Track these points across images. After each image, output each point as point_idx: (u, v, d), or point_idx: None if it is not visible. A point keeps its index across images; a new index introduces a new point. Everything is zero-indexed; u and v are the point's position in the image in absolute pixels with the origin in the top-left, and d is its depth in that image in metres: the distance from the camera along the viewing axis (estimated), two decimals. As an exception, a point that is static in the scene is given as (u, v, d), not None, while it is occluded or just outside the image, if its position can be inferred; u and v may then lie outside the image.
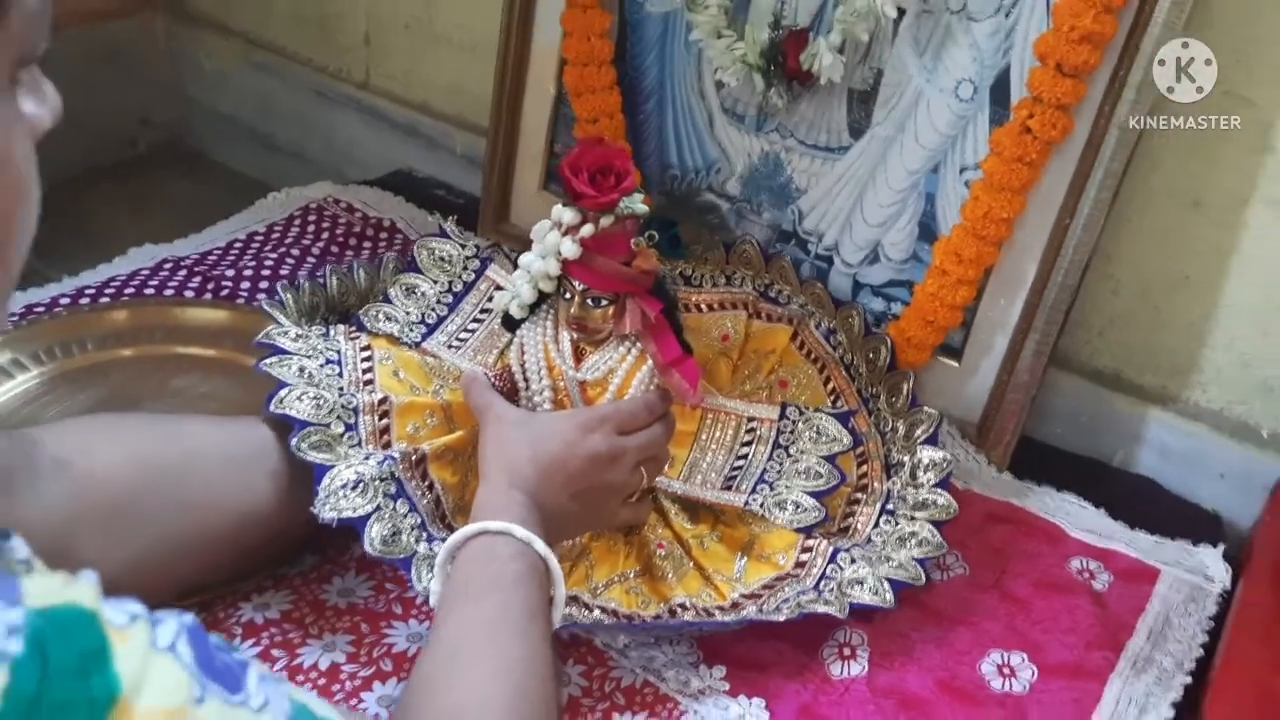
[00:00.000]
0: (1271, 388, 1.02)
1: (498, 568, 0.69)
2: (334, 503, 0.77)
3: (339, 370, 0.89)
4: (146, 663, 0.36)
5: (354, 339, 0.92)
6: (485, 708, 0.60)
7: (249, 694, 0.40)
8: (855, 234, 1.06)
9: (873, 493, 0.96)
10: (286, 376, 0.85)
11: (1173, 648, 0.88)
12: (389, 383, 0.89)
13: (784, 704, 0.78)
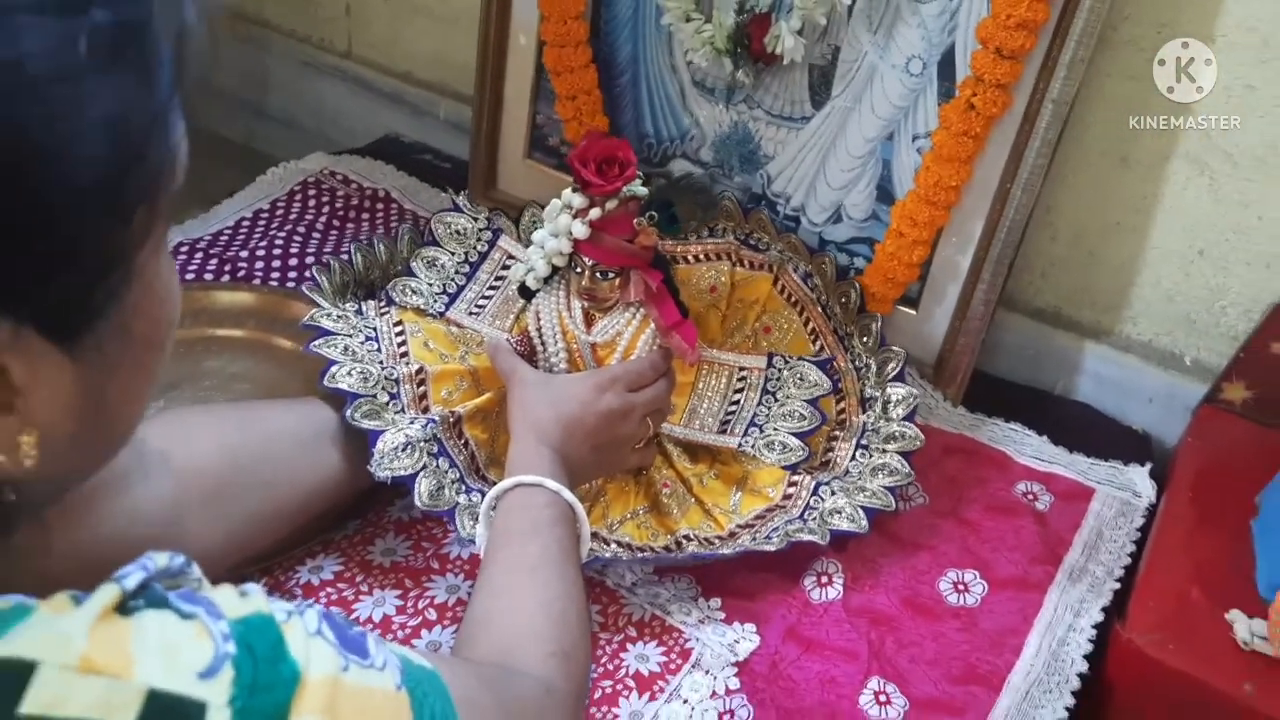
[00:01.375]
0: (1193, 320, 1.14)
1: (534, 514, 0.81)
2: (387, 463, 0.88)
3: (377, 346, 0.99)
4: (308, 646, 0.46)
5: (384, 314, 1.03)
6: (535, 635, 0.72)
7: (373, 658, 0.50)
8: (819, 196, 1.16)
9: (850, 427, 1.07)
10: (334, 355, 0.95)
11: (1104, 558, 1.01)
12: (421, 353, 1.00)
13: (772, 627, 0.91)
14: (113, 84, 0.41)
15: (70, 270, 0.41)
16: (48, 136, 0.39)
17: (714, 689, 0.86)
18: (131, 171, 0.42)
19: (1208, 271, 1.11)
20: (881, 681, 0.88)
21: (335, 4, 1.49)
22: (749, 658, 0.89)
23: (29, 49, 0.38)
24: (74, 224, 0.40)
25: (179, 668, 0.42)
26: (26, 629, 0.40)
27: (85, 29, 0.39)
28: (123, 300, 0.44)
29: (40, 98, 0.38)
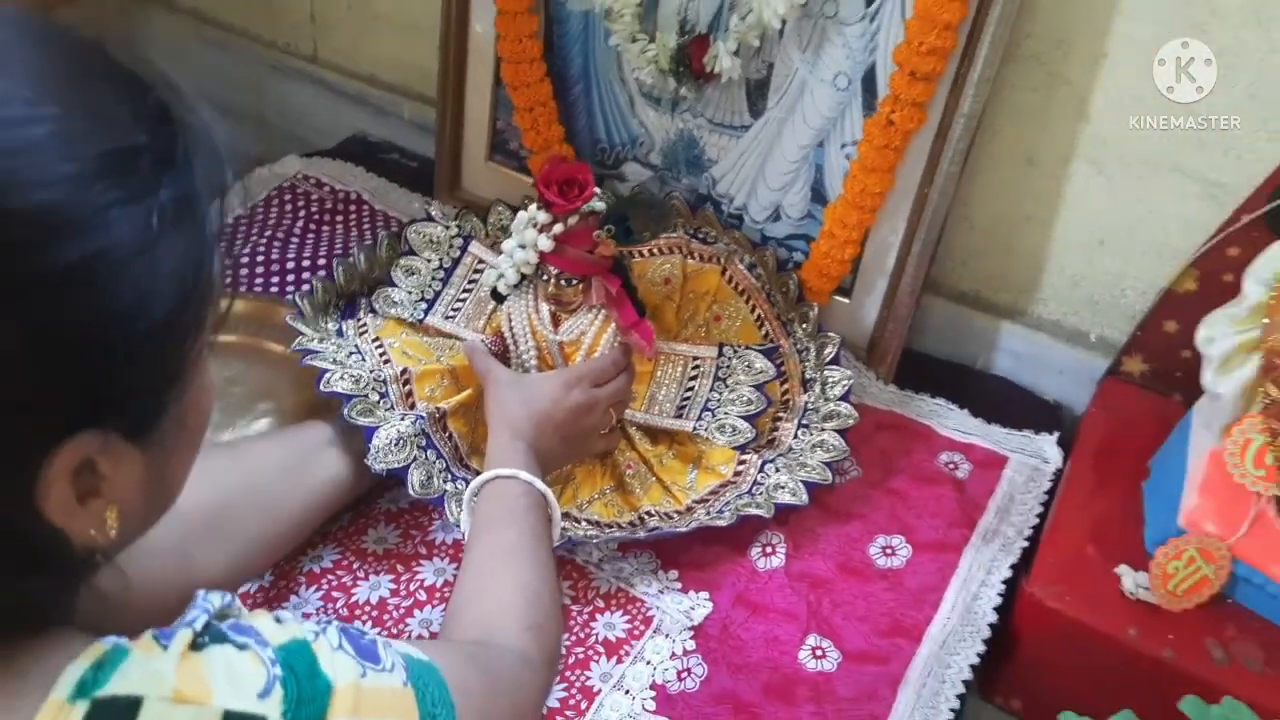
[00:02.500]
0: (1097, 302, 1.27)
1: (510, 504, 0.91)
2: (382, 458, 1.00)
3: (362, 358, 1.10)
4: (334, 660, 0.57)
5: (363, 332, 1.13)
6: (512, 613, 0.82)
7: (383, 662, 0.61)
8: (760, 197, 1.27)
9: (793, 408, 1.20)
10: (325, 365, 1.06)
11: (1014, 520, 1.14)
12: (402, 360, 1.11)
13: (723, 594, 1.04)
14: (175, 245, 0.50)
15: (147, 388, 0.51)
16: (133, 297, 0.48)
17: (673, 650, 0.99)
18: (190, 306, 0.51)
19: (1108, 259, 1.23)
20: (818, 638, 1.01)
21: (300, 11, 1.57)
22: (703, 622, 1.01)
23: (118, 236, 0.47)
24: (151, 355, 0.50)
25: (243, 691, 0.52)
26: (129, 669, 0.50)
27: (155, 208, 0.48)
28: (181, 401, 0.54)
29: (127, 270, 0.48)
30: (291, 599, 0.98)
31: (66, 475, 0.48)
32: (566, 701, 0.94)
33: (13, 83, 0.47)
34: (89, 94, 0.49)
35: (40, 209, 0.45)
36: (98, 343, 0.48)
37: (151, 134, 0.50)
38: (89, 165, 0.47)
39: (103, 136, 0.48)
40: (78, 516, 0.50)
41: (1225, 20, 1.06)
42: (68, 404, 0.48)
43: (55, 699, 0.48)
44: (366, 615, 0.98)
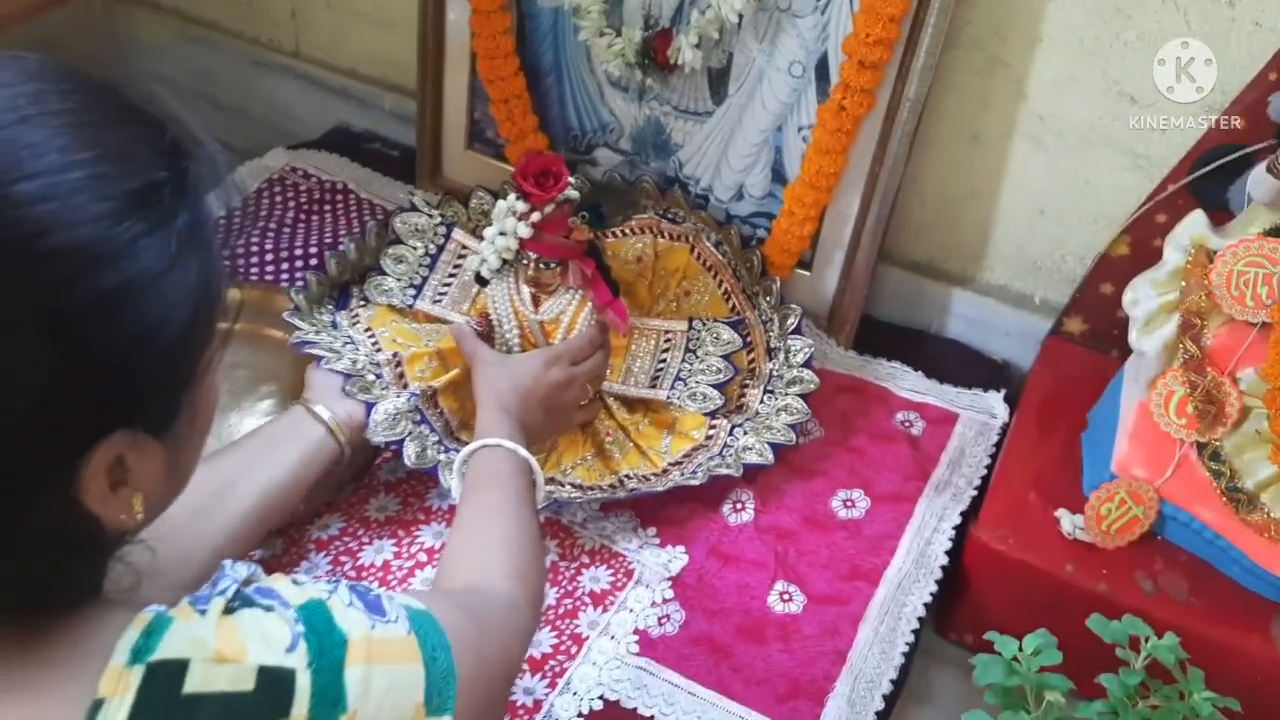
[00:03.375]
0: (1040, 267, 1.36)
1: (496, 469, 0.97)
2: (381, 432, 1.09)
3: (355, 347, 1.18)
4: (347, 615, 0.62)
5: (355, 323, 1.21)
6: (497, 563, 0.89)
7: (388, 614, 0.65)
8: (724, 178, 1.36)
9: (759, 375, 1.29)
10: (323, 351, 1.14)
11: (964, 471, 1.24)
12: (392, 347, 1.19)
13: (698, 547, 1.13)
14: (190, 265, 0.55)
15: (167, 392, 0.57)
16: (158, 313, 0.54)
17: (653, 599, 1.08)
18: (203, 317, 0.57)
19: (1049, 227, 1.33)
20: (785, 584, 1.11)
21: (282, 9, 1.64)
22: (680, 573, 1.11)
23: (145, 264, 0.53)
24: (171, 363, 0.57)
25: (273, 647, 0.58)
26: (174, 635, 0.56)
27: (174, 235, 0.54)
28: (194, 401, 0.60)
29: (153, 291, 0.54)
30: (303, 564, 1.07)
31: (102, 470, 0.54)
32: (558, 648, 1.04)
33: (49, 132, 0.52)
34: (114, 137, 0.55)
35: (79, 245, 0.51)
36: (129, 356, 0.54)
37: (168, 168, 0.55)
38: (119, 203, 0.53)
39: (129, 175, 0.54)
40: (111, 504, 0.56)
41: (1146, 6, 1.15)
42: (103, 410, 0.54)
43: (114, 666, 0.54)
44: (372, 576, 1.07)
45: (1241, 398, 1.08)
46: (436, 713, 0.65)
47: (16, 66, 0.55)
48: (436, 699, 0.65)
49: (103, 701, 0.53)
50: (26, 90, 0.53)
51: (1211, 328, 1.08)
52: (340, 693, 0.59)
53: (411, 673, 0.64)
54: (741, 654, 1.05)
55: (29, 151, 0.51)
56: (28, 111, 0.52)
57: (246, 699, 0.55)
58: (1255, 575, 1.10)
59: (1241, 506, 1.10)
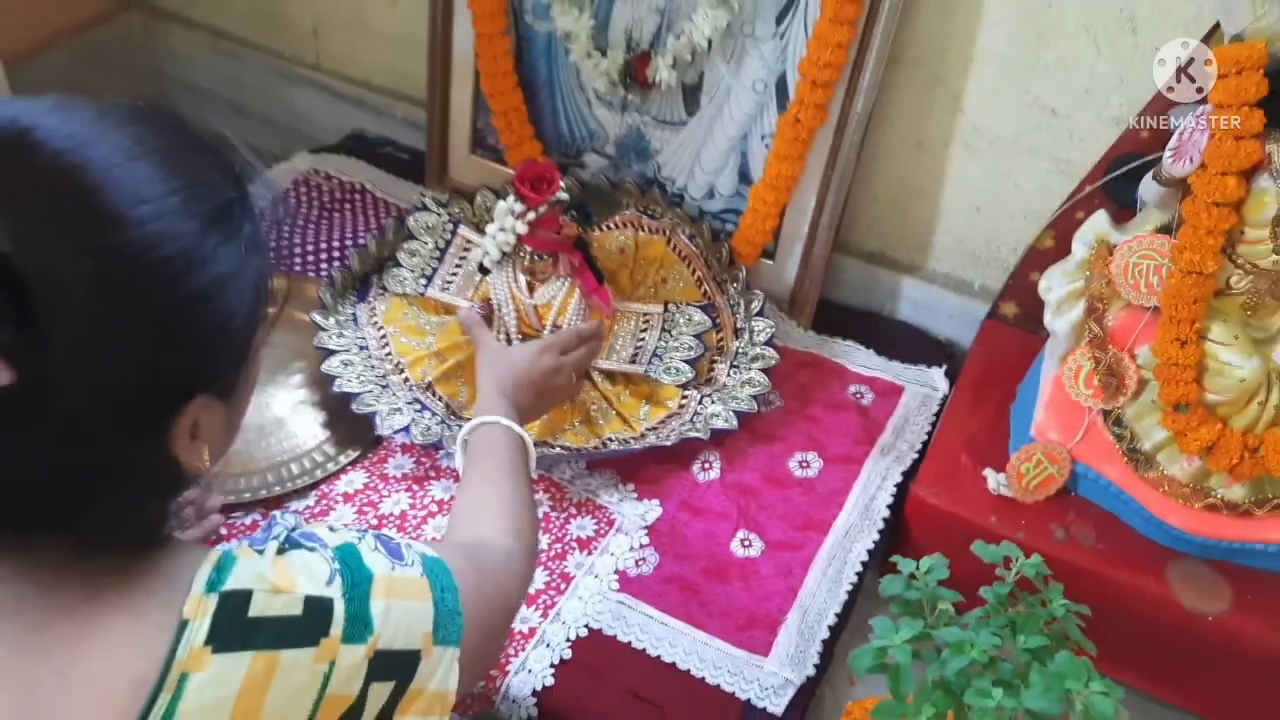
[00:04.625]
0: (978, 256, 1.54)
1: (493, 442, 1.09)
2: (387, 425, 1.27)
3: (368, 352, 1.37)
4: (373, 557, 0.73)
5: (373, 323, 1.40)
6: (496, 521, 1.00)
7: (405, 559, 0.76)
8: (697, 179, 1.53)
9: (727, 352, 1.47)
10: (336, 371, 1.34)
11: (908, 437, 1.42)
12: (399, 347, 1.38)
13: (671, 501, 1.31)
14: (253, 264, 0.67)
15: (233, 365, 0.69)
16: (235, 302, 0.66)
17: (631, 545, 1.26)
18: (264, 298, 0.69)
19: (985, 222, 1.50)
20: (746, 532, 1.29)
21: (304, 26, 1.81)
22: (655, 522, 1.29)
23: (225, 265, 0.65)
24: (242, 339, 0.68)
25: (316, 580, 0.68)
26: (240, 570, 0.67)
27: (243, 242, 0.66)
28: (249, 370, 0.72)
29: (230, 286, 0.65)
30: (332, 514, 1.25)
31: (187, 426, 0.66)
32: (550, 585, 1.22)
33: (151, 166, 0.63)
34: (195, 166, 0.66)
35: (179, 253, 0.62)
36: (212, 337, 0.66)
37: (235, 189, 0.67)
38: (205, 219, 0.64)
39: (210, 196, 0.65)
40: (191, 452, 0.67)
41: (1062, 32, 1.32)
42: (192, 379, 0.66)
43: (195, 593, 0.65)
44: (391, 523, 1.25)
45: (1139, 371, 1.24)
46: (443, 642, 0.75)
47: (120, 114, 0.65)
48: (443, 630, 0.75)
49: (187, 622, 0.64)
50: (131, 133, 0.64)
51: (1112, 311, 1.25)
52: (368, 618, 0.69)
53: (423, 608, 0.74)
54: (707, 591, 1.23)
55: (142, 183, 0.62)
56: (135, 151, 0.63)
57: (297, 621, 0.66)
58: (1153, 525, 1.27)
59: (1140, 465, 1.27)
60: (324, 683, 0.66)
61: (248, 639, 0.64)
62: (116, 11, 1.88)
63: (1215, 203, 1.10)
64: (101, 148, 0.61)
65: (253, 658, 0.64)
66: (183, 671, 0.62)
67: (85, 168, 0.60)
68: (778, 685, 1.15)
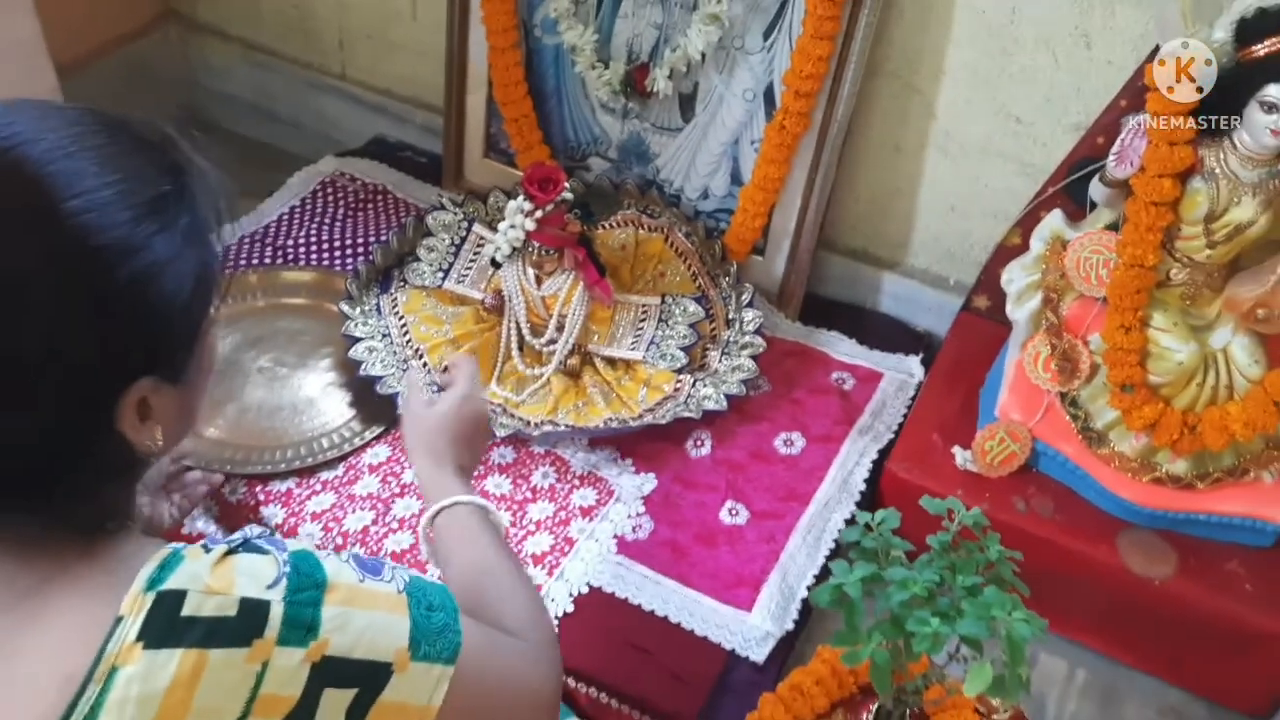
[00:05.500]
0: (953, 254, 1.66)
1: (462, 528, 0.99)
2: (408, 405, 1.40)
3: (390, 340, 1.50)
4: (338, 567, 0.73)
5: (395, 312, 1.54)
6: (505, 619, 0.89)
7: (384, 575, 0.76)
8: (692, 181, 1.66)
9: (718, 340, 1.59)
10: (363, 356, 1.47)
11: (885, 419, 1.54)
12: (418, 334, 1.51)
13: (665, 474, 1.44)
14: (191, 253, 0.70)
15: (178, 349, 0.72)
16: (173, 289, 0.69)
17: (629, 513, 1.39)
18: (208, 286, 0.72)
19: (958, 221, 1.63)
20: (733, 503, 1.41)
21: (330, 38, 1.95)
22: (650, 493, 1.41)
23: (160, 253, 0.68)
24: (180, 327, 0.71)
25: (257, 583, 0.69)
26: (181, 570, 0.68)
27: (179, 232, 0.69)
28: (199, 356, 0.75)
29: (165, 273, 0.68)
30: (358, 483, 1.38)
31: (133, 405, 0.69)
32: (555, 547, 1.35)
33: (87, 162, 0.67)
34: (132, 161, 0.69)
35: (114, 242, 0.66)
36: (149, 321, 0.68)
37: (171, 183, 0.70)
38: (139, 210, 0.67)
39: (143, 190, 0.68)
40: (140, 432, 0.71)
41: (1023, 46, 1.44)
42: (133, 362, 0.69)
43: (134, 590, 0.66)
44: (411, 492, 1.38)
45: (1091, 356, 1.36)
46: (426, 659, 0.75)
47: (61, 115, 0.70)
48: (426, 648, 0.75)
49: (122, 619, 0.66)
50: (69, 132, 0.68)
51: (1066, 301, 1.37)
52: (314, 623, 0.70)
53: (392, 621, 0.74)
54: (697, 554, 1.35)
55: (76, 177, 0.66)
56: (72, 149, 0.67)
57: (229, 621, 0.67)
58: (1105, 498, 1.39)
59: (1094, 442, 1.39)
60: (257, 682, 0.67)
61: (179, 637, 0.66)
62: (155, 26, 2.02)
63: (1154, 202, 1.22)
64: (40, 145, 0.66)
65: (182, 655, 0.65)
66: (112, 665, 0.64)
67: (24, 163, 0.65)
68: (759, 637, 1.27)
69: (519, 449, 1.46)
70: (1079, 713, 1.39)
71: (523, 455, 1.45)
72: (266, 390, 1.50)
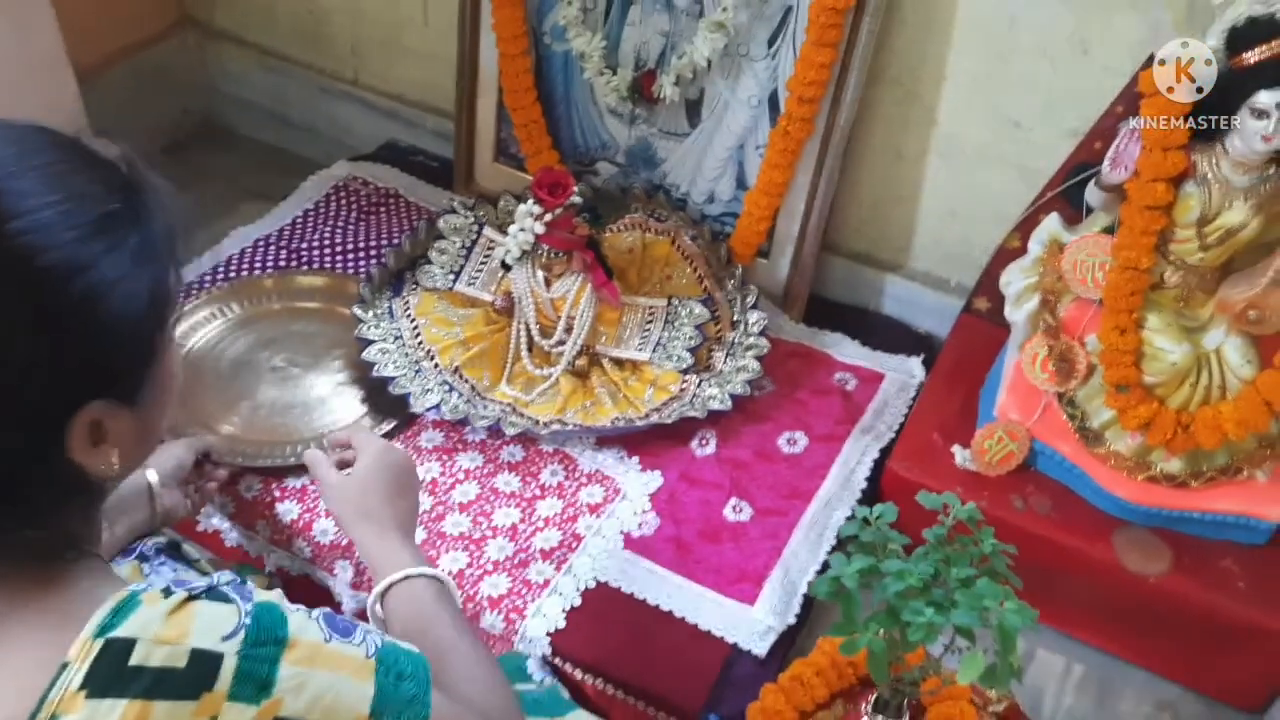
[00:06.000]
0: (953, 256, 1.69)
1: (416, 605, 0.95)
2: (419, 404, 1.44)
3: (403, 341, 1.54)
4: (304, 625, 0.71)
5: (407, 315, 1.58)
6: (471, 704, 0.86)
7: (354, 638, 0.73)
8: (698, 185, 1.70)
9: (724, 342, 1.62)
10: (376, 358, 1.51)
11: (887, 419, 1.57)
12: (430, 336, 1.55)
13: (671, 472, 1.47)
14: (143, 272, 0.69)
15: (130, 371, 0.71)
16: (122, 308, 0.68)
17: (635, 510, 1.42)
18: (162, 306, 0.71)
19: (959, 225, 1.66)
20: (737, 500, 1.44)
21: (343, 45, 1.98)
22: (656, 491, 1.45)
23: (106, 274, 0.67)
24: (132, 347, 0.70)
25: (212, 633, 0.67)
26: (135, 616, 0.66)
27: (128, 251, 0.68)
28: (156, 376, 0.73)
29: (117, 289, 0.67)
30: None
31: (84, 429, 0.68)
32: (563, 543, 1.38)
33: (30, 182, 0.67)
34: (77, 180, 0.69)
35: (59, 262, 0.65)
36: (97, 341, 0.68)
37: (121, 202, 0.70)
38: (85, 229, 0.67)
39: (90, 209, 0.68)
40: (93, 456, 0.69)
41: (1022, 54, 1.47)
42: (82, 385, 0.68)
43: (84, 636, 0.65)
44: (423, 489, 1.41)
45: (1088, 357, 1.39)
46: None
47: (6, 135, 0.69)
48: (389, 717, 0.74)
49: (68, 665, 0.65)
50: (11, 152, 0.68)
51: (1064, 303, 1.40)
52: (269, 680, 0.68)
53: (356, 686, 0.73)
54: (701, 550, 1.39)
55: (19, 198, 0.65)
56: (13, 168, 0.67)
57: (178, 673, 0.66)
58: (1102, 496, 1.42)
59: (1090, 441, 1.42)
60: None
61: (124, 687, 0.64)
62: (171, 32, 2.06)
63: (1147, 206, 1.25)
64: None
65: (126, 705, 0.64)
66: (53, 712, 0.63)
67: None
68: (762, 631, 1.30)
69: (528, 447, 1.49)
70: (1076, 707, 1.42)
71: (532, 454, 1.48)
72: (279, 389, 1.53)
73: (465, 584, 1.33)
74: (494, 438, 1.49)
